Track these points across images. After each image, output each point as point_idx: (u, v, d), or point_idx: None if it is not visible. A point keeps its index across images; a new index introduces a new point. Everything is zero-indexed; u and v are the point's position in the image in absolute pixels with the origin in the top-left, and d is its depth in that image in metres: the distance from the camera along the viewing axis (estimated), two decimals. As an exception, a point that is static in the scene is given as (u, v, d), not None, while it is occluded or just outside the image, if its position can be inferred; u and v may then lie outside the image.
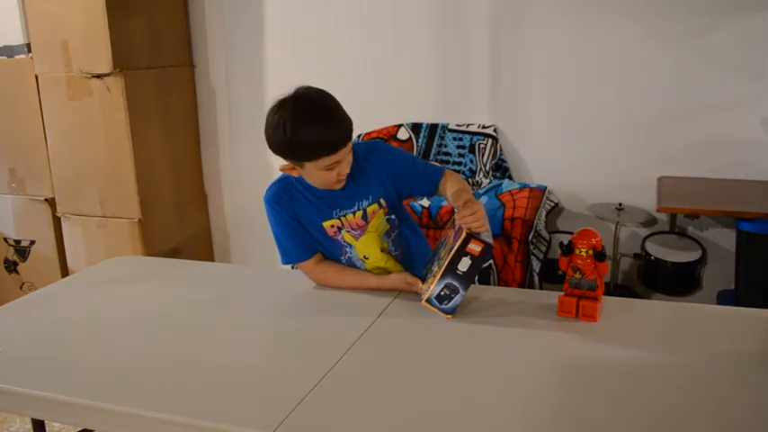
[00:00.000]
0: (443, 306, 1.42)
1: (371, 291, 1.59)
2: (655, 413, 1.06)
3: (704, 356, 1.25)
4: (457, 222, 1.43)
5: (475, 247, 1.37)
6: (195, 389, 1.19)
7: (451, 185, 1.59)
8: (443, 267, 1.40)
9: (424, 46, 2.96)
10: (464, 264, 1.38)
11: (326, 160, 1.47)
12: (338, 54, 3.08)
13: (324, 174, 1.50)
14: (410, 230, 1.72)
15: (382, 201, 1.63)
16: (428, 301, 1.43)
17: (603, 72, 2.75)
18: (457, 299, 1.41)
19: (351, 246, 1.64)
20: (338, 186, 1.56)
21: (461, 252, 1.38)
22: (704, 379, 1.17)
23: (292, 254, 1.63)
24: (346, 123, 1.48)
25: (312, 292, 1.62)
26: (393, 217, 1.66)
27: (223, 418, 1.08)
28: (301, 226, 1.61)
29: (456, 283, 1.40)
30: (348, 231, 1.62)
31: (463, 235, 1.38)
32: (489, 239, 1.40)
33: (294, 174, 1.56)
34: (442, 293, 1.41)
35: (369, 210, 1.62)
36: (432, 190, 1.64)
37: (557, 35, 2.77)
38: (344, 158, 1.50)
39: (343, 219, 1.61)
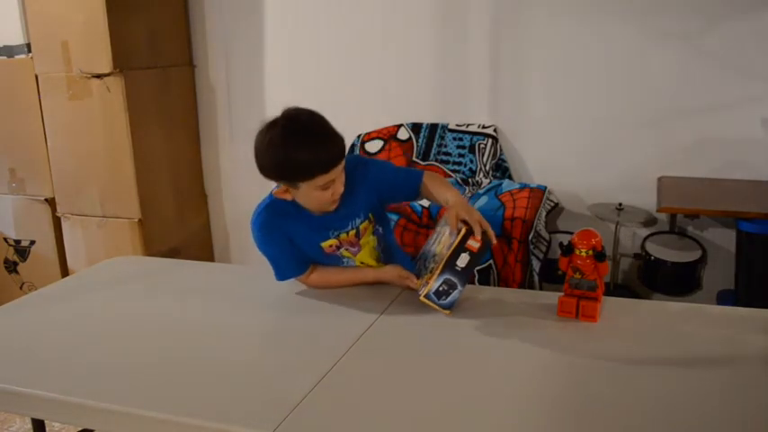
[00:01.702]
0: (441, 301, 1.43)
1: (371, 292, 1.59)
2: (655, 413, 1.06)
3: (704, 356, 1.25)
4: (448, 219, 1.45)
5: (474, 243, 1.40)
6: (195, 389, 1.19)
7: (435, 186, 1.59)
8: (442, 263, 1.41)
9: (425, 46, 2.96)
10: (463, 260, 1.40)
11: (321, 179, 1.44)
12: (338, 54, 3.08)
13: (319, 194, 1.48)
14: (386, 229, 1.73)
15: (371, 216, 1.63)
16: (426, 296, 1.43)
17: (603, 72, 2.75)
18: (455, 294, 1.42)
19: (349, 258, 1.65)
20: (332, 207, 1.54)
21: (461, 248, 1.40)
22: (704, 379, 1.17)
23: (288, 270, 1.62)
24: (339, 140, 1.47)
25: (312, 292, 1.62)
26: (379, 229, 1.67)
27: (223, 418, 1.08)
28: (295, 245, 1.60)
29: (454, 279, 1.41)
30: (346, 249, 1.63)
31: (462, 231, 1.40)
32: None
33: (287, 197, 1.53)
34: (441, 289, 1.42)
35: (361, 227, 1.62)
36: (414, 195, 1.64)
37: (557, 35, 2.77)
38: (338, 177, 1.48)
39: (339, 238, 1.61)
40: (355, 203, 1.59)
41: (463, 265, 1.40)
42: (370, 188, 1.60)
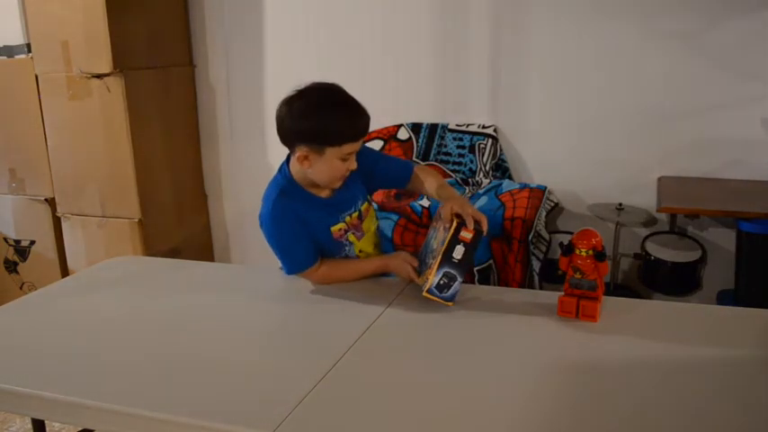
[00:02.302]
0: (443, 294, 1.45)
1: (371, 291, 1.59)
2: (654, 413, 1.06)
3: (704, 356, 1.25)
4: (442, 214, 1.51)
5: (466, 235, 1.44)
6: (195, 389, 1.19)
7: (429, 181, 1.67)
8: (439, 257, 1.44)
9: (425, 46, 2.96)
10: (458, 251, 1.44)
11: (348, 147, 1.51)
12: (338, 54, 3.08)
13: (338, 164, 1.53)
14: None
15: (369, 197, 1.71)
16: (429, 291, 1.45)
17: (603, 72, 2.75)
18: (455, 286, 1.45)
19: (351, 243, 1.66)
20: (339, 183, 1.59)
21: (455, 240, 1.44)
22: (704, 379, 1.17)
23: (300, 261, 1.61)
24: (368, 115, 1.55)
25: (312, 291, 1.62)
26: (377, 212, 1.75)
27: (223, 418, 1.08)
28: (307, 230, 1.60)
29: (453, 271, 1.44)
30: (352, 233, 1.66)
31: (454, 224, 1.44)
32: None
33: (306, 165, 1.54)
34: (441, 282, 1.45)
35: (362, 208, 1.67)
36: (402, 184, 1.72)
37: (557, 35, 2.77)
38: (356, 151, 1.54)
39: (346, 221, 1.64)
40: (355, 185, 1.65)
41: (459, 257, 1.44)
42: (364, 170, 1.64)
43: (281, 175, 1.62)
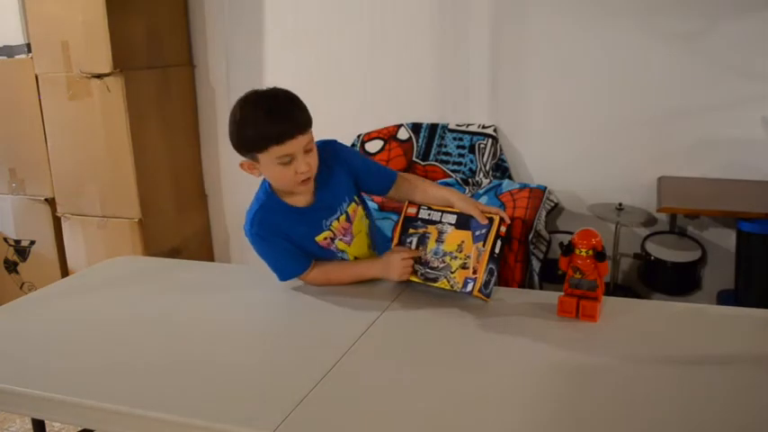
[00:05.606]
0: (486, 291, 1.47)
1: (371, 291, 1.59)
2: (655, 413, 1.06)
3: (704, 356, 1.25)
4: (470, 213, 1.52)
5: (503, 229, 1.49)
6: (195, 389, 1.19)
7: (425, 186, 1.63)
8: (486, 255, 1.46)
9: (425, 46, 2.96)
10: (498, 246, 1.49)
11: (276, 150, 1.43)
12: (338, 54, 3.08)
13: (280, 169, 1.46)
14: (371, 217, 1.75)
15: (356, 198, 1.65)
16: (480, 291, 1.46)
17: (604, 72, 2.75)
18: (493, 280, 1.49)
19: (343, 251, 1.65)
20: (302, 188, 1.52)
21: (497, 237, 1.47)
22: (704, 379, 1.17)
23: (290, 269, 1.61)
24: (297, 115, 1.46)
25: (312, 291, 1.62)
26: (367, 210, 1.69)
27: (223, 418, 1.08)
28: (292, 243, 1.59)
29: (493, 266, 1.48)
30: (340, 239, 1.63)
31: (496, 221, 1.48)
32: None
33: (255, 174, 1.53)
34: (486, 279, 1.46)
35: (349, 210, 1.63)
36: (383, 190, 1.67)
37: (557, 35, 2.77)
38: (298, 153, 1.45)
39: (332, 228, 1.61)
40: (338, 184, 1.60)
41: (498, 251, 1.49)
42: (345, 167, 1.61)
43: (261, 188, 1.60)
